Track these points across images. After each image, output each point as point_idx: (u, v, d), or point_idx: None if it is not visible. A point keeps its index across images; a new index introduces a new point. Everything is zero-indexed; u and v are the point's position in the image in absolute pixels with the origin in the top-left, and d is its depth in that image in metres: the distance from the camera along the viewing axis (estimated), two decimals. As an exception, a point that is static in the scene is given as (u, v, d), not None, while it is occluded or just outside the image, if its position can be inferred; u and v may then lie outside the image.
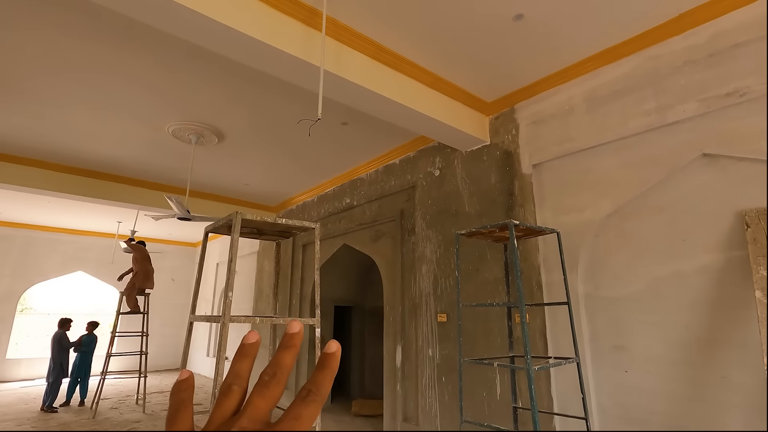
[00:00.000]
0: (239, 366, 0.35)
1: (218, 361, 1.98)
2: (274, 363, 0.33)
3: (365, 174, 5.63)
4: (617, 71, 3.20)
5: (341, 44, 3.05)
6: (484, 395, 3.63)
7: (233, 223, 2.17)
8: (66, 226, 9.52)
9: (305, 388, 0.32)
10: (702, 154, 2.73)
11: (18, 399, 7.00)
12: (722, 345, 2.53)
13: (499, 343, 3.55)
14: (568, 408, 3.11)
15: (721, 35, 2.72)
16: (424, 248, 4.49)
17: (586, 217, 3.25)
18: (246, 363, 0.35)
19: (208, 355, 9.75)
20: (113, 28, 3.03)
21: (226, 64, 3.44)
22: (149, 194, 6.40)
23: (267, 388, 0.32)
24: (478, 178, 4.08)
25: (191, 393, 0.35)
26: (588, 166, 3.32)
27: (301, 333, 0.35)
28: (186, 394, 0.35)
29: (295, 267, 6.87)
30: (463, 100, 3.90)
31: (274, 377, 0.32)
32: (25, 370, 9.02)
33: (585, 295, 3.23)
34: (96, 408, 5.84)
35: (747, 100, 2.56)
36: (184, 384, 0.36)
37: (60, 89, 3.83)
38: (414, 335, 4.46)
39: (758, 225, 2.42)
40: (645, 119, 2.99)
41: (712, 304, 2.60)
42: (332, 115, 4.21)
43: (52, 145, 5.04)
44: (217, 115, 4.33)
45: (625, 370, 2.93)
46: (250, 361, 0.35)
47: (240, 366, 0.35)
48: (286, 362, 0.33)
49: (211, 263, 10.27)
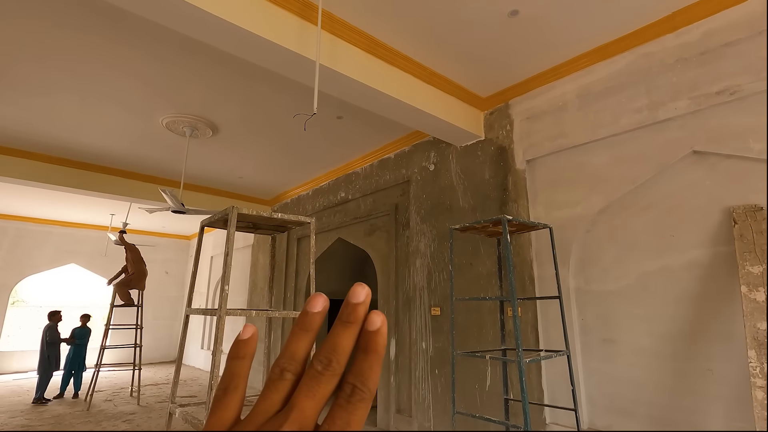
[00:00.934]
0: (297, 345, 0.27)
1: (214, 353, 2.00)
2: (329, 346, 0.26)
3: (360, 168, 5.64)
4: (610, 68, 3.23)
5: (336, 38, 3.05)
6: (476, 387, 3.69)
7: (229, 217, 2.18)
8: (59, 218, 9.44)
9: (348, 383, 0.25)
10: (692, 152, 2.78)
11: (11, 391, 6.99)
12: (708, 338, 2.60)
13: (491, 336, 3.61)
14: (558, 399, 3.18)
15: (712, 34, 2.75)
16: (419, 242, 4.52)
17: (578, 213, 3.29)
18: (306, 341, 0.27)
19: (202, 347, 9.76)
20: (104, 18, 3.01)
21: (220, 57, 3.42)
22: (143, 187, 6.37)
23: (318, 384, 0.25)
24: (472, 173, 4.11)
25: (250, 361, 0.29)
26: (581, 162, 3.36)
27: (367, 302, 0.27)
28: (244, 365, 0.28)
29: (290, 260, 6.89)
30: (458, 96, 3.91)
31: (328, 366, 0.25)
32: (17, 363, 8.99)
33: (576, 289, 3.28)
34: (90, 400, 5.84)
35: (737, 99, 2.60)
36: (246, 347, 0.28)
37: (49, 79, 3.79)
38: (408, 328, 4.51)
39: (745, 221, 2.47)
40: (637, 116, 3.02)
41: (698, 298, 2.66)
42: (327, 109, 4.20)
43: (42, 136, 4.99)
44: (211, 108, 4.31)
45: (613, 361, 3.00)
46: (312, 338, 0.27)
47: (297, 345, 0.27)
48: (345, 345, 0.26)
49: (205, 256, 10.24)
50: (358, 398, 0.25)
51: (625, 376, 2.92)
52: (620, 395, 2.94)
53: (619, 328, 3.00)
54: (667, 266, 2.81)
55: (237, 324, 8.30)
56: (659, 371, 2.77)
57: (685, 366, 2.66)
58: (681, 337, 2.70)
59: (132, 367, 6.40)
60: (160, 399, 6.46)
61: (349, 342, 0.26)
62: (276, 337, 6.98)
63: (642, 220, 2.99)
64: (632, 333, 2.93)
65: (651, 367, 2.81)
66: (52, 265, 9.62)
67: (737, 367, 2.45)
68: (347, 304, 0.26)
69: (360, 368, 0.25)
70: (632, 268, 2.99)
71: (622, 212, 3.10)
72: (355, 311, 0.26)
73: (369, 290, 0.27)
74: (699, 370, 2.60)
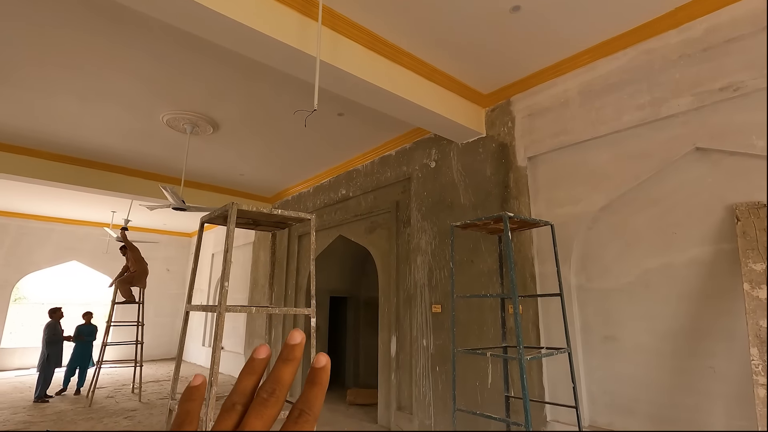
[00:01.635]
0: (245, 383, 0.33)
1: (214, 350, 2.00)
2: (272, 378, 0.31)
3: (361, 165, 5.63)
4: (613, 64, 3.21)
5: (337, 34, 3.03)
6: (477, 384, 3.69)
7: (229, 213, 2.18)
8: (60, 215, 9.46)
9: (297, 408, 0.30)
10: (695, 148, 2.76)
11: (13, 388, 7.01)
12: (710, 336, 2.58)
13: (492, 334, 3.60)
14: (558, 397, 3.17)
15: (715, 30, 2.73)
16: (419, 240, 4.51)
17: (580, 210, 3.28)
18: (253, 380, 0.33)
19: (203, 344, 9.79)
20: (104, 16, 2.99)
21: (221, 53, 3.41)
22: (144, 184, 6.37)
23: (265, 407, 0.30)
24: (473, 170, 4.10)
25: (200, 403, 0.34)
26: (582, 159, 3.34)
27: (302, 344, 0.32)
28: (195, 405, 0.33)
29: (291, 257, 6.89)
30: (460, 92, 3.89)
31: (272, 395, 0.31)
32: (19, 359, 9.02)
33: (577, 286, 3.27)
34: (92, 397, 5.86)
35: (740, 95, 2.58)
36: (196, 392, 0.34)
37: (50, 77, 3.78)
38: (408, 326, 4.50)
39: (748, 219, 2.46)
40: (639, 113, 3.00)
41: (700, 295, 2.65)
42: (328, 106, 4.19)
43: (44, 133, 4.98)
44: (211, 105, 4.30)
45: (614, 358, 2.99)
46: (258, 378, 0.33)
47: (246, 383, 0.33)
48: (285, 377, 0.31)
49: (206, 254, 10.25)
50: (304, 420, 0.30)
51: (627, 373, 2.91)
52: (621, 393, 2.93)
53: (621, 326, 2.99)
54: (669, 264, 2.80)
55: (237, 321, 8.32)
56: (660, 369, 2.76)
57: (687, 364, 2.65)
58: (682, 335, 2.69)
59: (133, 363, 6.41)
60: (161, 396, 6.48)
61: (288, 376, 0.31)
62: (277, 334, 6.99)
63: (644, 218, 2.98)
64: (633, 330, 2.92)
65: (652, 365, 2.80)
66: (54, 262, 9.65)
67: (739, 365, 2.44)
68: (286, 346, 0.32)
69: (307, 397, 0.31)
70: (634, 265, 2.97)
71: (624, 209, 3.09)
72: (292, 351, 0.32)
73: (304, 335, 0.33)
74: (701, 367, 2.59)
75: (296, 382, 5.88)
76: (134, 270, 6.66)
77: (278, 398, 0.31)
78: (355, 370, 7.16)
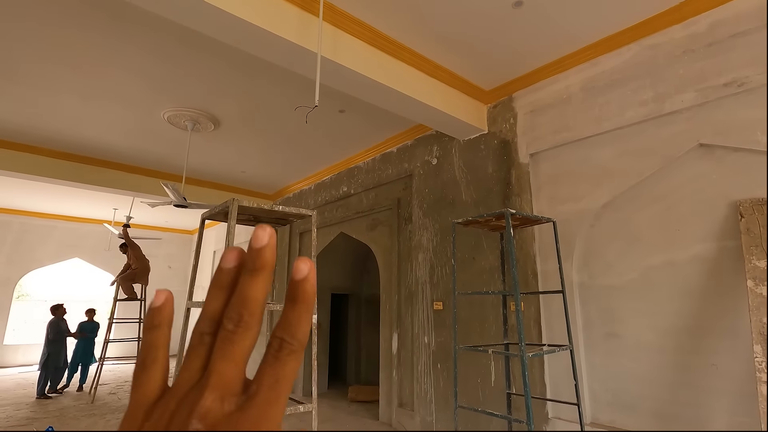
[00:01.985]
0: (214, 304, 0.25)
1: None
2: (237, 301, 0.23)
3: (362, 162, 5.61)
4: (616, 60, 3.19)
5: (338, 30, 3.02)
6: (478, 381, 3.68)
7: (230, 209, 2.17)
8: (62, 212, 9.47)
9: (276, 337, 0.23)
10: (698, 144, 2.74)
11: (16, 384, 7.04)
12: (713, 333, 2.57)
13: (494, 331, 3.59)
14: (560, 394, 3.17)
15: (720, 25, 2.71)
16: (421, 237, 4.50)
17: (582, 207, 3.26)
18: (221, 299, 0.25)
19: (205, 341, 9.81)
20: (104, 13, 2.98)
21: (221, 50, 3.39)
22: (145, 181, 6.37)
23: (232, 344, 0.23)
24: (475, 166, 4.08)
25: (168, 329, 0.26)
26: (585, 155, 3.32)
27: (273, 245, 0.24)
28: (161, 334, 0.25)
29: (292, 254, 6.89)
30: (462, 89, 3.87)
31: (240, 323, 0.23)
32: (22, 356, 9.06)
33: (579, 283, 3.26)
34: (94, 393, 5.88)
35: (745, 90, 2.56)
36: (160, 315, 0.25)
37: (51, 75, 3.78)
38: (410, 323, 4.50)
39: (752, 215, 2.44)
40: (642, 109, 2.98)
41: (704, 293, 2.64)
42: (329, 103, 4.17)
43: (45, 131, 4.98)
44: (212, 102, 4.29)
45: (617, 356, 2.98)
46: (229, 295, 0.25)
47: (214, 305, 0.25)
48: (254, 295, 0.23)
49: (208, 251, 10.26)
50: (286, 352, 0.23)
51: (629, 371, 2.91)
52: (623, 390, 2.92)
53: (623, 323, 2.98)
54: (672, 261, 2.79)
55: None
56: (663, 366, 2.75)
57: (690, 361, 2.64)
58: (685, 332, 2.68)
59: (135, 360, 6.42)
60: (163, 392, 6.49)
61: (259, 291, 0.23)
62: (278, 332, 6.99)
63: (647, 214, 2.96)
64: (636, 328, 2.91)
65: (655, 362, 2.79)
66: (56, 259, 9.67)
67: (742, 362, 2.42)
68: (250, 249, 0.24)
69: (287, 320, 0.23)
70: (637, 262, 2.96)
71: (627, 206, 3.07)
72: (260, 256, 0.23)
73: (273, 231, 0.24)
74: (703, 365, 2.58)
75: (296, 381, 5.88)
76: (136, 267, 6.68)
77: (248, 326, 0.23)
78: (357, 367, 7.17)
